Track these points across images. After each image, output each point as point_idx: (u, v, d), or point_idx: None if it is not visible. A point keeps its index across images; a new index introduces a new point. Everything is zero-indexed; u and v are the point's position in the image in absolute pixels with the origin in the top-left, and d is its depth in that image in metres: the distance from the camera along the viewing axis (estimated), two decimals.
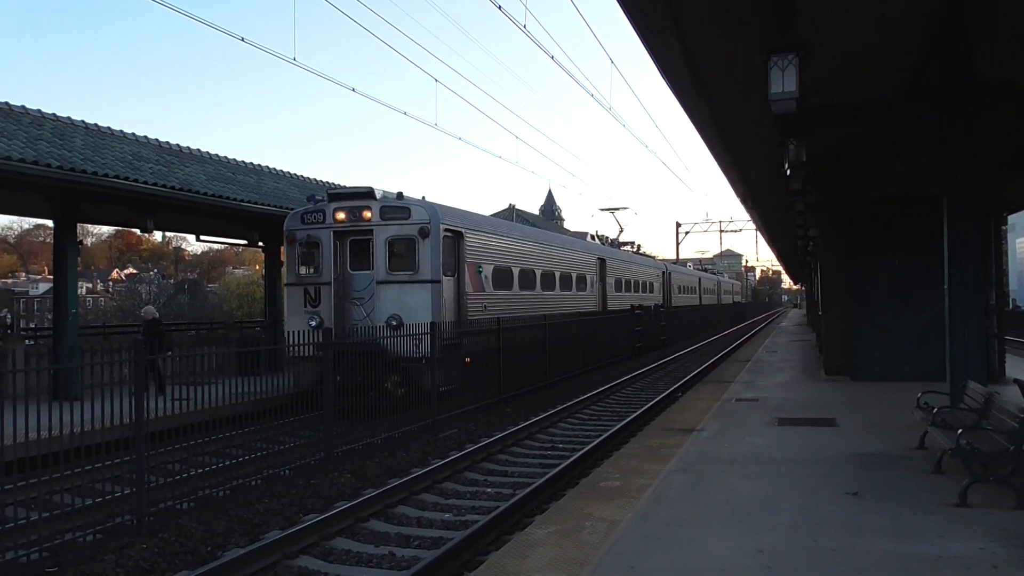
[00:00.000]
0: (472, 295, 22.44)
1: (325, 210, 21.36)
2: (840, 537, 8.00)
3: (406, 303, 20.34)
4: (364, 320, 20.45)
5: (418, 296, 20.41)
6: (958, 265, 12.96)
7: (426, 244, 20.46)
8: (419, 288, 20.50)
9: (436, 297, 20.43)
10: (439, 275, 20.58)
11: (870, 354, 20.98)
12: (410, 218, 20.68)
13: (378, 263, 20.96)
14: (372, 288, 21.02)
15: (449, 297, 21.20)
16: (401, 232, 20.76)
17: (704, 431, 14.17)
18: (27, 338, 26.48)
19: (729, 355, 36.94)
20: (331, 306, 20.96)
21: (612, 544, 7.91)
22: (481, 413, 20.15)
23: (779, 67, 10.73)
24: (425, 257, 20.49)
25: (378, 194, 20.98)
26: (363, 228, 21.09)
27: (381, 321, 19.88)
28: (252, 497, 12.11)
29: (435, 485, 13.32)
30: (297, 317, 21.08)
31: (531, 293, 27.43)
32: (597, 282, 36.35)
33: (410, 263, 20.75)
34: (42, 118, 21.35)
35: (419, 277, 20.55)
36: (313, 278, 21.42)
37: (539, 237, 30.36)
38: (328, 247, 21.24)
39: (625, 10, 11.03)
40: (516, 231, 28.52)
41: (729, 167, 22.70)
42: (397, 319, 19.90)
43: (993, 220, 21.03)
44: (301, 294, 21.46)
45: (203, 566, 9.10)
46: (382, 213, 20.84)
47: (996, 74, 12.70)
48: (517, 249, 26.58)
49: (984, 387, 11.45)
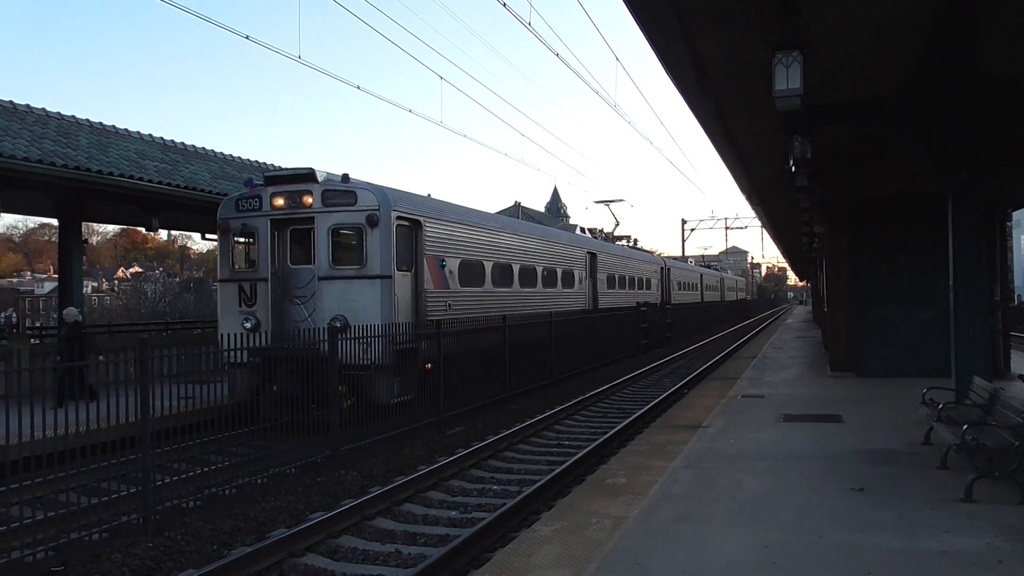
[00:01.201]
0: (433, 292, 19.96)
1: (262, 195, 18.81)
2: (845, 533, 8.01)
3: (352, 302, 17.97)
4: (306, 321, 18.11)
5: (366, 294, 18.01)
6: (963, 261, 12.98)
7: (375, 234, 17.99)
8: (367, 285, 18.06)
9: (387, 295, 17.98)
10: (390, 269, 18.07)
11: (875, 350, 20.99)
12: (356, 204, 18.21)
13: (320, 256, 18.45)
14: (314, 285, 18.56)
15: (404, 295, 18.71)
16: (346, 220, 18.33)
17: (710, 427, 14.18)
18: (32, 337, 26.52)
19: (734, 352, 36.91)
20: (268, 306, 18.57)
21: (618, 541, 7.92)
22: (487, 411, 20.09)
23: (783, 64, 10.73)
24: (374, 249, 18.03)
25: (320, 176, 18.60)
26: (304, 216, 18.57)
27: (324, 323, 17.15)
28: (258, 495, 12.13)
29: (441, 483, 13.34)
30: (231, 318, 18.82)
31: (507, 291, 24.96)
32: (586, 278, 33.84)
33: (357, 256, 18.30)
34: (47, 117, 21.42)
35: (367, 272, 18.08)
36: (248, 273, 19.09)
37: (517, 228, 27.94)
38: (265, 238, 18.73)
39: (630, 8, 11.04)
40: (489, 221, 25.38)
41: (734, 164, 22.69)
42: (342, 320, 17.42)
43: (997, 216, 21.00)
44: (235, 292, 19.06)
45: (209, 564, 9.12)
46: (324, 198, 18.36)
47: (999, 70, 12.71)
48: (490, 241, 23.95)
49: (989, 383, 11.48)
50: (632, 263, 43.39)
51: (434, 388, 18.24)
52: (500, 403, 21.21)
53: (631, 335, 36.20)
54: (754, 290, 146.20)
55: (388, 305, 17.90)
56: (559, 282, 30.04)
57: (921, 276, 20.18)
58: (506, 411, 20.45)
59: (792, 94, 10.78)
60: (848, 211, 21.58)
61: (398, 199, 18.94)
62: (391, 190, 19.08)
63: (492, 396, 21.09)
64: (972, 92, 12.48)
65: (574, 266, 32.18)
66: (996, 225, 20.79)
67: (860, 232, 21.57)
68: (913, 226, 20.46)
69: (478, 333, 20.91)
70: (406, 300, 18.79)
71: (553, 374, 25.58)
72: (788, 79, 10.74)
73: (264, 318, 18.41)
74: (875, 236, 21.36)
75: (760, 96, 11.99)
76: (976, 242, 13.12)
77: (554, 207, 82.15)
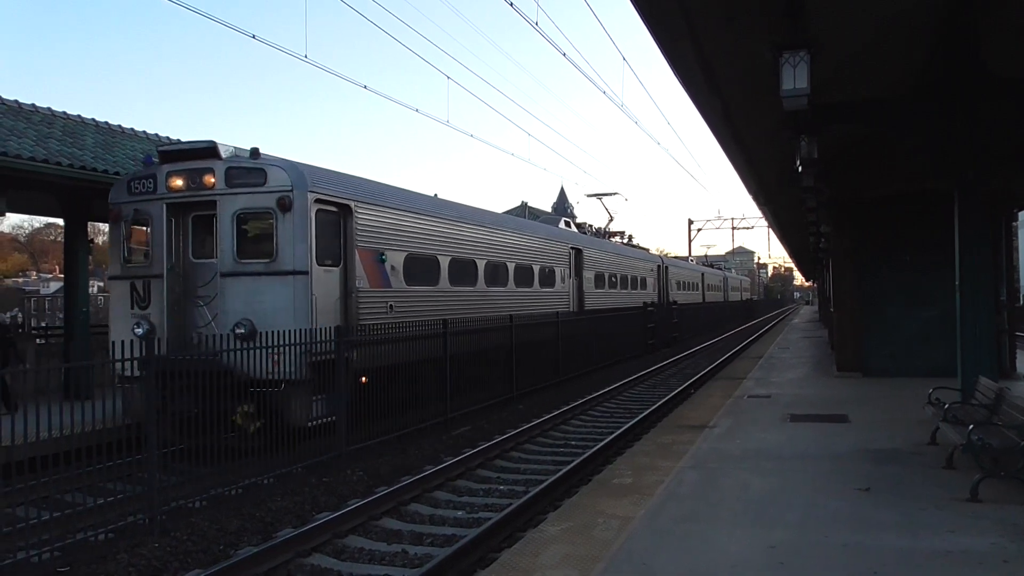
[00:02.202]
0: (368, 292, 16.98)
1: (157, 175, 15.93)
2: (851, 533, 8.01)
3: (260, 303, 15.20)
4: (208, 326, 15.58)
5: (276, 293, 15.23)
6: (969, 261, 12.99)
7: (287, 220, 15.16)
8: (277, 282, 15.27)
9: (303, 294, 15.20)
10: (307, 263, 15.24)
11: (882, 350, 21.00)
12: (266, 184, 15.29)
13: (223, 247, 15.55)
14: (217, 283, 15.66)
15: (327, 294, 15.84)
16: (253, 204, 15.43)
17: (716, 427, 14.18)
18: (38, 337, 26.56)
19: (741, 352, 36.89)
20: (164, 308, 15.72)
21: (624, 541, 7.93)
22: (494, 411, 20.05)
23: (790, 64, 10.74)
24: (286, 238, 15.20)
25: (224, 151, 15.69)
26: (206, 199, 15.68)
27: (228, 328, 14.73)
28: (264, 495, 12.14)
29: (448, 483, 13.36)
30: (122, 322, 16.00)
31: (469, 290, 21.92)
32: (570, 277, 30.62)
33: (266, 247, 15.40)
34: (52, 116, 21.41)
35: (278, 267, 15.25)
36: (142, 269, 16.15)
37: (483, 219, 24.18)
38: (160, 226, 15.87)
39: (638, 8, 11.05)
40: (445, 209, 21.81)
41: (741, 164, 22.70)
42: (247, 325, 14.86)
43: (1003, 216, 20.99)
44: (127, 291, 16.17)
45: (215, 565, 9.15)
46: (229, 177, 15.49)
47: (1004, 69, 12.70)
48: (447, 233, 20.83)
49: (995, 383, 11.47)
50: (625, 260, 40.02)
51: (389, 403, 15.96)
52: (505, 403, 21.11)
53: (638, 335, 36.12)
54: (760, 290, 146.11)
55: (304, 307, 15.16)
56: (536, 281, 27.05)
57: (924, 275, 20.17)
58: (512, 411, 20.43)
59: (799, 94, 10.79)
60: (851, 211, 21.60)
61: (319, 179, 16.11)
62: (311, 167, 16.37)
63: (500, 396, 20.92)
64: (973, 92, 12.50)
65: (555, 263, 29.06)
66: (1001, 225, 20.77)
67: (864, 232, 21.60)
68: (920, 225, 20.45)
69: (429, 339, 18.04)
70: (330, 301, 15.95)
71: (560, 373, 25.50)
72: (795, 79, 10.74)
73: (159, 323, 15.65)
74: (878, 236, 21.39)
75: (767, 95, 12.01)
76: (982, 242, 13.14)
77: (561, 207, 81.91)
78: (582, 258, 32.09)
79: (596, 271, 34.16)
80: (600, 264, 34.90)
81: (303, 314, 15.04)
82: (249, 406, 13.77)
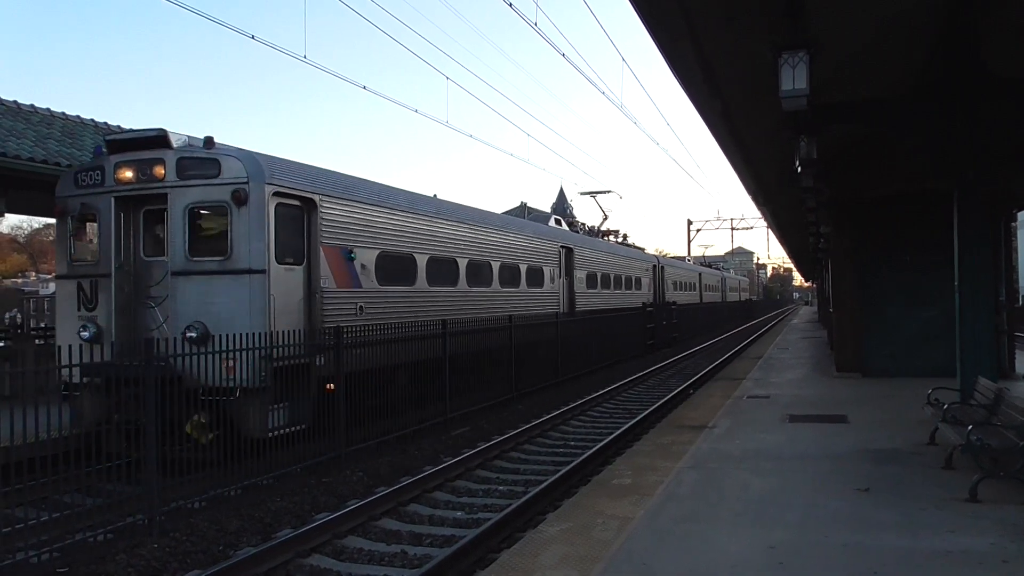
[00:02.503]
0: (334, 292, 15.91)
1: (105, 166, 14.87)
2: (851, 533, 8.01)
3: (214, 304, 14.11)
4: (160, 329, 14.39)
5: (232, 294, 14.15)
6: (968, 261, 13.00)
7: (243, 215, 14.10)
8: (232, 282, 14.18)
9: (259, 294, 14.10)
10: (264, 261, 14.18)
11: (881, 351, 21.01)
12: (220, 175, 14.26)
13: (174, 244, 14.46)
14: (168, 282, 14.57)
15: (288, 295, 14.76)
16: (206, 196, 14.39)
17: (716, 428, 14.18)
18: (37, 338, 26.53)
19: (740, 352, 36.90)
20: (112, 309, 14.64)
21: (624, 541, 7.93)
22: (493, 411, 20.01)
23: (789, 64, 10.74)
24: (242, 234, 14.13)
25: (175, 140, 14.57)
26: (157, 192, 14.60)
27: (179, 331, 13.65)
28: (264, 496, 12.14)
29: (447, 483, 13.35)
30: (69, 324, 15.01)
31: (450, 290, 20.82)
32: (560, 277, 29.53)
33: (220, 244, 14.34)
34: (51, 117, 21.42)
35: (232, 265, 14.18)
36: (89, 267, 15.12)
37: (465, 215, 22.84)
38: (109, 221, 14.81)
39: (637, 9, 11.05)
40: (422, 204, 20.44)
41: (740, 164, 22.70)
42: (199, 328, 13.82)
43: (1002, 217, 21.00)
44: (74, 291, 15.12)
45: (215, 565, 9.15)
46: (180, 168, 14.43)
47: (1004, 69, 12.71)
48: (425, 230, 19.66)
49: (994, 383, 11.48)
50: (618, 260, 38.76)
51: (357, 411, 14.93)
52: (505, 404, 21.07)
53: (638, 335, 36.10)
54: (760, 291, 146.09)
55: (261, 308, 14.05)
56: (523, 281, 25.89)
57: (926, 275, 20.15)
58: (512, 411, 20.39)
59: (798, 94, 10.80)
60: (851, 211, 21.61)
61: (278, 170, 14.96)
62: (270, 158, 15.26)
63: (501, 396, 20.88)
64: (972, 92, 12.51)
65: (543, 262, 27.88)
66: (1001, 225, 20.77)
67: (863, 232, 21.61)
68: (919, 225, 20.45)
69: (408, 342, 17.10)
70: (292, 302, 14.88)
71: (559, 373, 25.46)
72: (794, 79, 10.74)
73: (107, 326, 14.60)
74: (878, 236, 21.40)
75: (766, 95, 12.01)
76: (981, 242, 13.15)
77: (560, 207, 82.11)
78: (573, 257, 31.12)
79: (588, 271, 33.14)
80: (592, 264, 33.91)
81: (260, 316, 13.95)
82: (202, 416, 12.81)
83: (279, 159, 15.61)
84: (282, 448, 13.21)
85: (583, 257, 32.51)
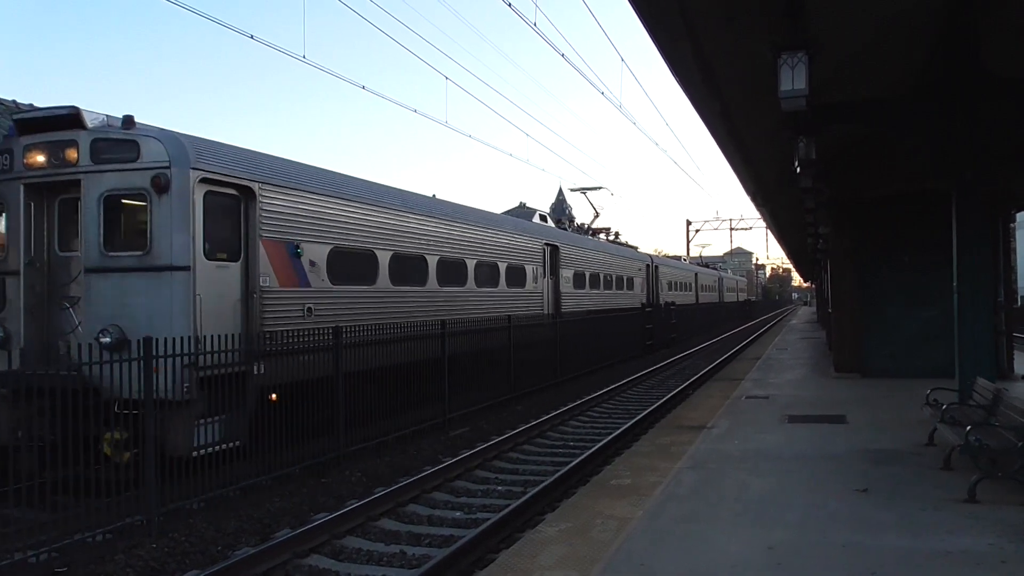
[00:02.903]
0: (276, 292, 14.23)
1: (14, 149, 13.26)
2: (850, 533, 8.02)
3: (132, 305, 12.40)
4: (75, 332, 12.84)
5: (152, 293, 12.46)
6: (967, 261, 13.00)
7: (164, 204, 12.46)
8: (152, 280, 12.50)
9: (183, 294, 12.45)
10: (189, 257, 12.52)
11: (880, 351, 21.00)
12: (139, 159, 12.58)
13: (88, 237, 12.78)
14: (81, 280, 12.92)
15: (219, 295, 13.10)
16: (124, 183, 12.68)
17: (714, 428, 14.18)
18: None
19: (739, 353, 36.89)
20: (21, 310, 12.98)
21: (623, 541, 7.92)
22: (493, 411, 20.00)
23: (789, 65, 10.74)
24: (162, 226, 12.48)
25: (89, 120, 12.88)
26: (69, 177, 12.94)
27: (93, 335, 12.12)
28: (263, 496, 12.13)
29: (446, 483, 13.34)
30: None
31: (418, 290, 19.00)
32: (544, 276, 27.66)
33: (139, 237, 12.73)
34: None
35: (152, 261, 12.51)
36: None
37: (435, 209, 20.86)
38: (17, 211, 13.19)
39: (636, 9, 11.05)
40: (385, 196, 18.50)
41: (739, 165, 22.70)
42: (114, 333, 12.16)
43: (1001, 217, 21.00)
44: None
45: (213, 565, 9.14)
46: (95, 151, 12.77)
47: (1004, 69, 12.72)
48: (387, 224, 17.87)
49: (992, 383, 11.48)
50: (609, 259, 36.89)
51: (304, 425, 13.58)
52: (504, 404, 21.06)
53: (637, 336, 36.07)
54: (759, 291, 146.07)
55: (184, 310, 12.42)
56: (502, 280, 24.09)
57: (925, 276, 20.15)
58: (511, 410, 20.40)
59: (797, 95, 10.80)
60: (851, 211, 21.61)
61: (208, 153, 13.30)
62: (198, 140, 13.58)
63: (499, 396, 20.85)
64: (972, 92, 12.52)
65: (526, 261, 26.11)
66: (999, 226, 20.78)
67: (863, 232, 21.60)
68: (918, 226, 20.46)
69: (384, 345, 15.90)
70: (225, 303, 13.27)
71: (559, 374, 25.44)
72: (793, 80, 10.75)
73: (16, 329, 12.97)
74: (877, 236, 21.40)
75: (766, 96, 12.02)
76: (980, 243, 13.15)
77: (559, 208, 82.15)
78: (559, 256, 29.35)
79: (575, 270, 31.38)
80: (580, 262, 32.11)
81: (183, 319, 12.33)
82: (119, 432, 11.44)
83: (210, 141, 13.98)
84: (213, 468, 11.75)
85: (570, 255, 30.90)
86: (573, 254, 31.26)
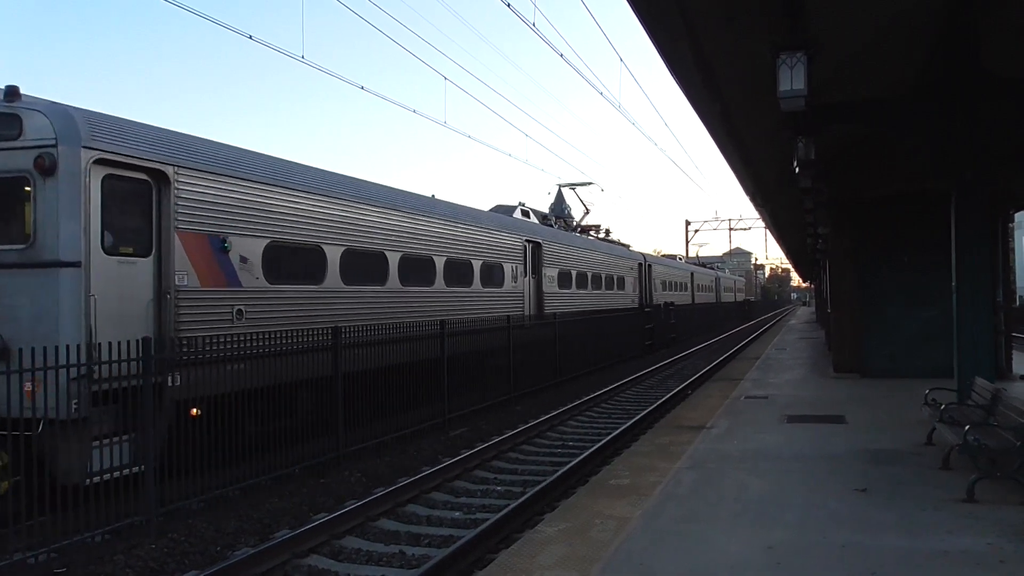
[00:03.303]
0: (196, 292, 12.53)
1: None
2: (849, 533, 8.02)
3: (13, 307, 10.76)
4: None
5: (36, 293, 10.73)
6: (966, 261, 13.01)
7: (50, 188, 10.74)
8: (38, 277, 10.76)
9: (73, 294, 10.73)
10: (80, 251, 10.80)
11: (879, 351, 21.00)
12: (21, 136, 10.87)
13: None
14: None
15: (122, 295, 11.41)
16: (4, 164, 10.96)
17: (714, 428, 14.18)
18: None
19: (738, 353, 36.88)
20: None
21: (622, 541, 7.92)
22: (492, 411, 19.99)
23: (788, 65, 10.74)
24: (48, 214, 10.74)
25: None
26: None
27: None
28: (262, 496, 12.12)
29: (445, 483, 13.34)
30: None
31: (376, 290, 17.37)
32: (524, 275, 25.83)
33: (20, 227, 11.01)
34: None
35: (37, 256, 10.78)
36: None
37: (398, 201, 18.81)
38: None
39: (635, 9, 11.05)
40: (336, 185, 16.56)
41: (739, 165, 22.69)
42: None
43: (1000, 217, 21.01)
44: None
45: (213, 566, 9.13)
46: None
47: (1004, 69, 12.73)
48: (337, 216, 16.07)
49: (991, 384, 11.49)
50: (598, 257, 34.97)
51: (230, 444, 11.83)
52: (503, 404, 21.03)
53: (636, 336, 36.05)
54: (758, 291, 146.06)
55: (75, 313, 10.70)
56: (476, 279, 22.35)
57: (925, 276, 20.16)
58: (510, 411, 20.39)
59: (797, 95, 10.80)
60: (851, 211, 21.61)
61: (106, 131, 11.46)
62: (94, 114, 11.68)
63: (499, 396, 20.84)
64: (972, 92, 12.53)
65: (504, 259, 24.35)
66: (999, 226, 20.78)
67: (863, 232, 21.60)
68: (918, 226, 20.46)
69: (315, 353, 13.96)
70: (134, 304, 11.61)
71: (559, 374, 25.42)
72: (792, 80, 10.75)
73: None
74: (877, 236, 21.39)
75: (766, 96, 12.01)
76: (980, 242, 13.15)
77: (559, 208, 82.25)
78: (541, 253, 27.46)
79: (560, 269, 29.46)
80: (565, 261, 30.20)
81: (72, 323, 10.63)
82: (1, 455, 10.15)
83: (114, 117, 12.12)
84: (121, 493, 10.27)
85: (554, 254, 28.95)
86: (558, 252, 29.56)
